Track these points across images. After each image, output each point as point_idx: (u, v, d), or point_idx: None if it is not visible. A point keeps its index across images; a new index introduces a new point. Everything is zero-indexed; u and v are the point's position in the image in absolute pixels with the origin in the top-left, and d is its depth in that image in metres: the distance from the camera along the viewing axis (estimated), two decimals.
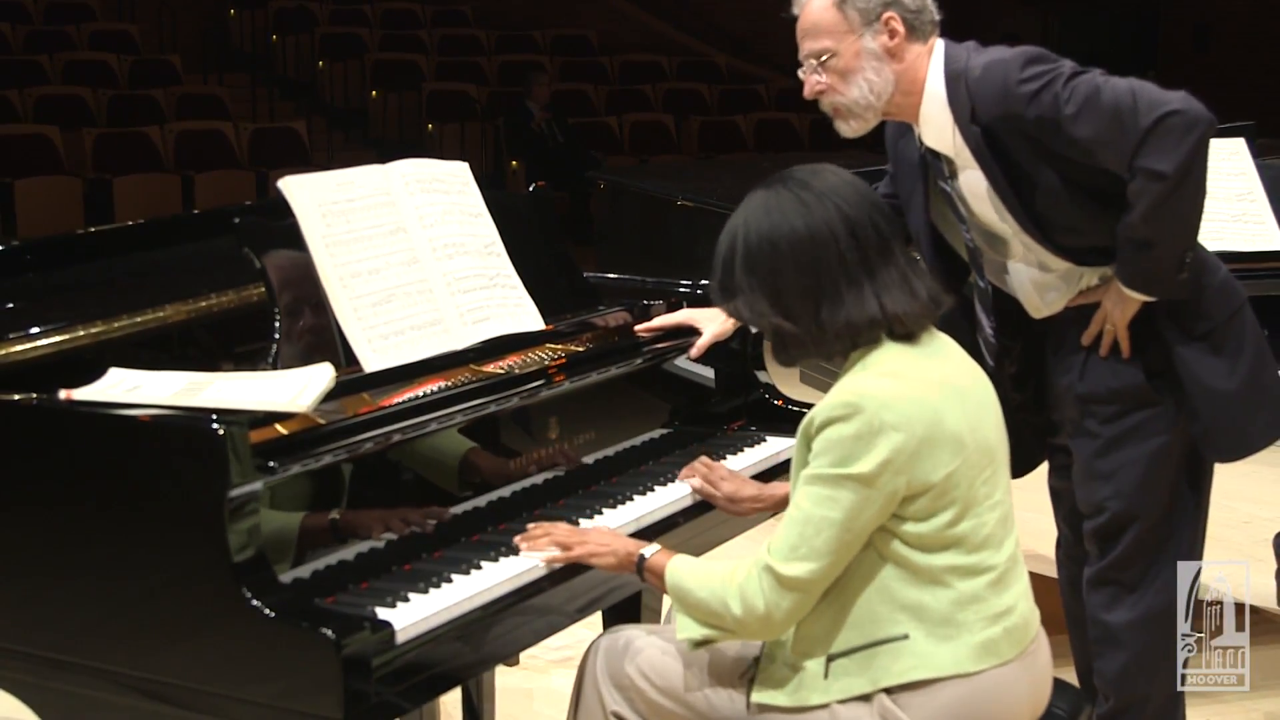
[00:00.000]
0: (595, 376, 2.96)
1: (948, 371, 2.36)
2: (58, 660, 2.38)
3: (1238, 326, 2.97)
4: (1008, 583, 2.36)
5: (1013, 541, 2.41)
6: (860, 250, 2.33)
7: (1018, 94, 2.81)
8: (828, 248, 2.33)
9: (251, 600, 2.18)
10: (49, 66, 12.01)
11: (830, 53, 2.91)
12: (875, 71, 2.90)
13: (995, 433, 2.40)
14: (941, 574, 2.30)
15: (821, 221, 2.34)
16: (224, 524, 2.19)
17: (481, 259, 2.95)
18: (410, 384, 2.68)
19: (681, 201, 5.86)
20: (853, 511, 2.25)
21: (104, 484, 2.33)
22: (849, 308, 2.32)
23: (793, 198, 2.36)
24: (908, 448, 2.24)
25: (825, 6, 2.91)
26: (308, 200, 2.73)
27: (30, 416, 2.42)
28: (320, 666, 2.13)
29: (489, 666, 2.91)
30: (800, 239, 2.33)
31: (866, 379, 2.30)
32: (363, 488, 2.49)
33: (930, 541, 2.29)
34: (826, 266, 2.33)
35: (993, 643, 2.31)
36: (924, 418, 2.26)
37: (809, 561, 2.26)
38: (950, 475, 2.28)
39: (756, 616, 2.30)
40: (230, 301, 3.04)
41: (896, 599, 2.30)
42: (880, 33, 2.89)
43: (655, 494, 2.91)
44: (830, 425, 2.27)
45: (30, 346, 2.71)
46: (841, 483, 2.25)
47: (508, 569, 2.50)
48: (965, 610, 2.30)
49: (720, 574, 2.36)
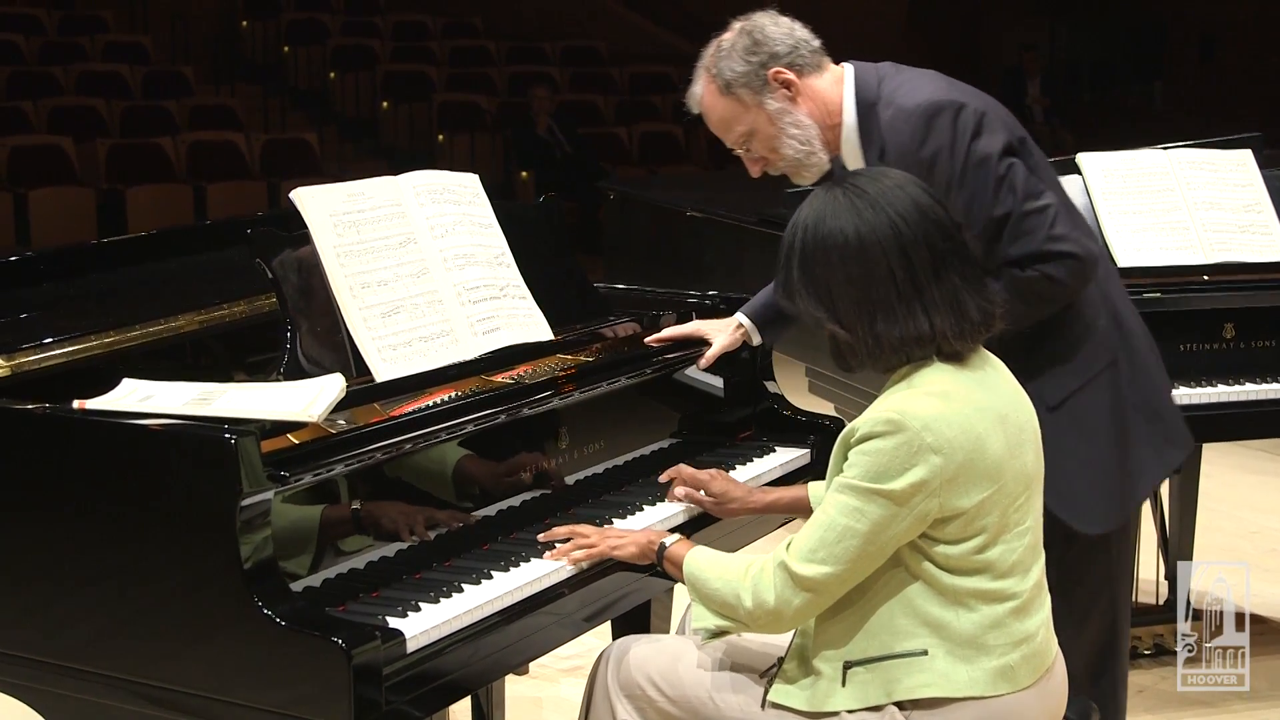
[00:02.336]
0: (605, 386, 2.96)
1: (993, 397, 2.33)
2: (69, 668, 2.38)
3: (1091, 394, 2.94)
4: (1031, 610, 2.35)
5: (1039, 568, 2.39)
6: (909, 267, 2.28)
7: (918, 157, 2.80)
8: (877, 262, 2.28)
9: (263, 608, 2.18)
10: (63, 78, 12.05)
11: (747, 134, 2.94)
12: (794, 124, 2.90)
13: (1034, 460, 2.38)
14: (967, 596, 2.28)
15: (871, 232, 2.29)
16: (235, 533, 2.19)
17: (491, 269, 2.96)
18: (420, 394, 2.68)
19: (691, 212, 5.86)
20: (878, 526, 2.23)
21: (116, 493, 2.34)
22: (902, 323, 2.28)
23: (848, 204, 2.32)
24: (945, 472, 2.22)
25: (716, 100, 2.94)
26: (319, 211, 2.73)
27: (44, 426, 2.42)
28: (331, 675, 2.13)
29: (499, 675, 2.91)
30: (850, 249, 2.29)
31: (913, 398, 2.27)
32: (372, 497, 2.49)
33: (960, 564, 2.28)
34: (876, 280, 2.28)
35: (1011, 669, 2.30)
36: (965, 444, 2.24)
37: (825, 565, 2.26)
38: (984, 502, 2.26)
39: (766, 610, 2.30)
40: (242, 312, 3.05)
41: (919, 614, 2.29)
42: (775, 90, 2.89)
43: (665, 503, 2.91)
44: (871, 439, 2.25)
45: (44, 356, 2.72)
46: (872, 497, 2.23)
47: (518, 578, 2.50)
48: (987, 634, 2.29)
49: (737, 566, 2.37)
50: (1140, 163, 4.08)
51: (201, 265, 3.35)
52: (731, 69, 2.89)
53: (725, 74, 2.90)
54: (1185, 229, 4.00)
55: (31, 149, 10.71)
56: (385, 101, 13.42)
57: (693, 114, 3.00)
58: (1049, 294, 2.82)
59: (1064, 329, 2.93)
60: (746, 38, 2.90)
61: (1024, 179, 2.80)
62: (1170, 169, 4.10)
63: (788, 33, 2.92)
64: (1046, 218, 2.79)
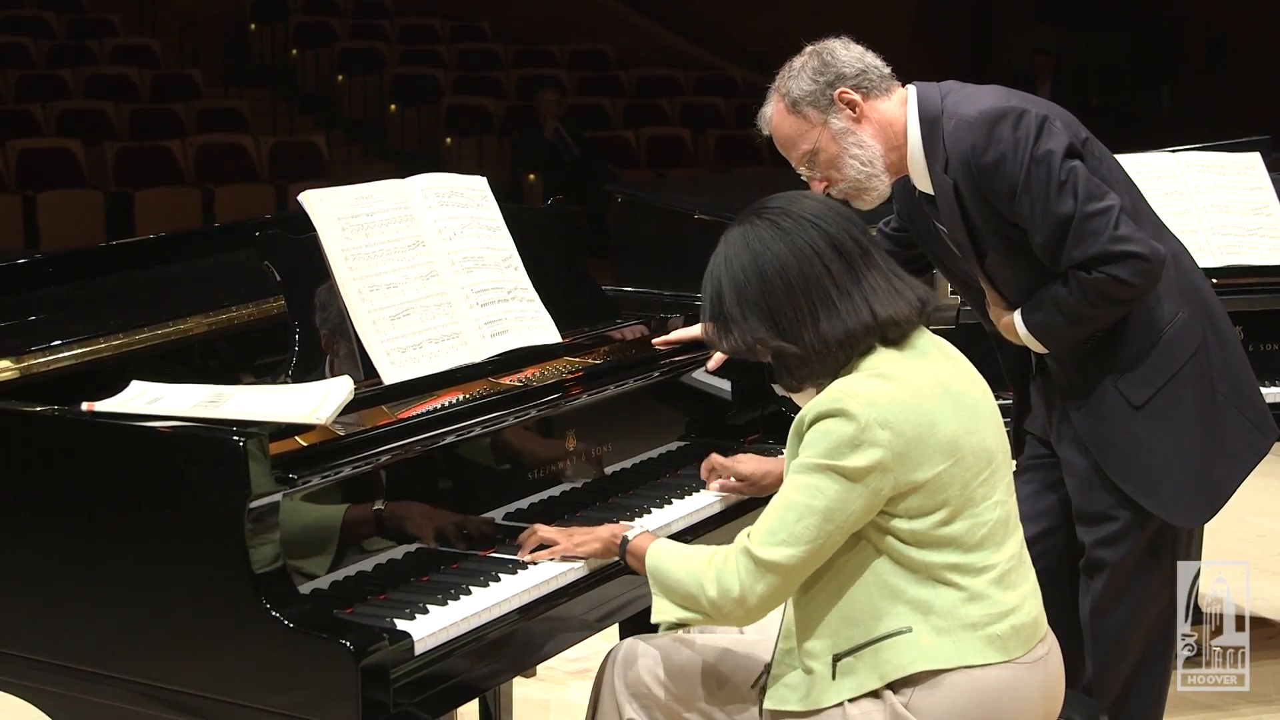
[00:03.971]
0: (612, 389, 2.96)
1: (943, 375, 2.37)
2: (78, 670, 2.38)
3: (1176, 388, 2.96)
4: (1012, 582, 2.36)
5: (1015, 542, 2.41)
6: (844, 260, 2.36)
7: (981, 164, 2.85)
8: (813, 264, 2.35)
9: (271, 611, 2.18)
10: (71, 81, 12.06)
11: (811, 153, 2.98)
12: (857, 145, 2.95)
13: (993, 434, 2.41)
14: (941, 571, 2.30)
15: (803, 242, 2.37)
16: (244, 535, 2.20)
17: (499, 272, 2.96)
18: (428, 396, 2.68)
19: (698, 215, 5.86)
20: (836, 502, 2.26)
21: (125, 495, 2.34)
22: (844, 317, 2.34)
23: (770, 226, 2.40)
24: (895, 446, 2.25)
25: (784, 119, 2.99)
26: (327, 214, 2.73)
27: (53, 428, 2.42)
28: (339, 677, 2.13)
29: (506, 678, 2.91)
30: (786, 263, 2.36)
31: (858, 380, 2.32)
32: (379, 500, 2.49)
33: (924, 539, 2.30)
34: (815, 281, 2.35)
35: (999, 638, 2.31)
36: (913, 419, 2.28)
37: (787, 547, 2.27)
38: (939, 476, 2.28)
39: (731, 599, 2.31)
40: (250, 314, 3.05)
41: (898, 595, 2.30)
42: (840, 110, 2.95)
43: (673, 506, 2.91)
44: (820, 420, 2.28)
45: (53, 358, 2.72)
46: (827, 472, 2.26)
47: (525, 581, 2.50)
48: (969, 606, 2.30)
49: (700, 557, 2.38)
50: (1148, 166, 4.07)
51: (209, 268, 3.35)
52: (799, 87, 2.96)
53: (793, 92, 2.96)
54: (1194, 232, 4.00)
55: (40, 152, 10.72)
56: (393, 105, 13.43)
57: (763, 135, 3.06)
58: (1117, 295, 2.83)
59: (1143, 327, 2.94)
60: (816, 59, 2.97)
61: (1085, 180, 2.81)
62: (1178, 172, 4.10)
63: (857, 57, 2.98)
64: (1109, 218, 2.80)
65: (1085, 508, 3.06)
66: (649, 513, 2.86)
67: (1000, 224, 2.90)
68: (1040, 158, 2.81)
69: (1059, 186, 2.80)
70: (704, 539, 2.88)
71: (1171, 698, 3.16)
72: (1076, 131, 2.91)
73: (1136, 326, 2.94)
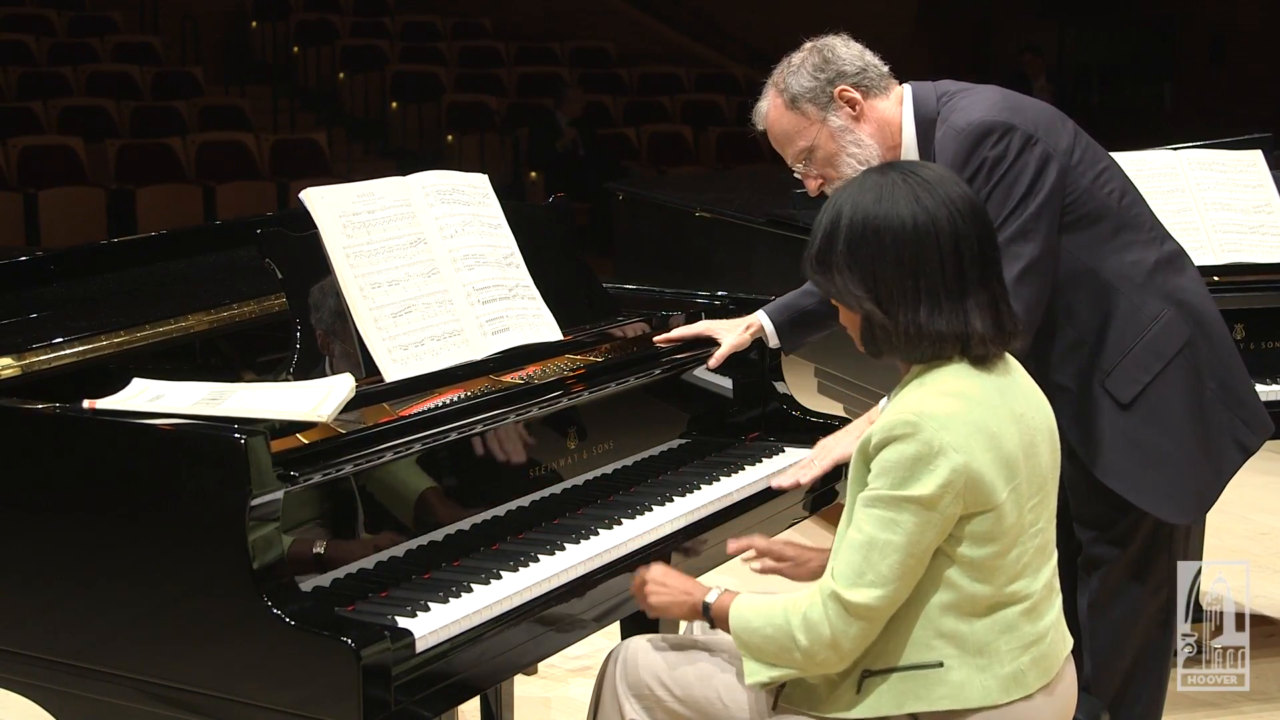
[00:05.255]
0: (613, 387, 2.96)
1: (1007, 397, 2.32)
2: (79, 667, 2.39)
3: (1163, 385, 2.96)
4: (1042, 611, 2.34)
5: (1050, 569, 2.38)
6: (959, 264, 2.27)
7: (962, 176, 2.81)
8: (930, 250, 2.26)
9: (272, 608, 2.18)
10: (73, 78, 12.07)
11: (808, 150, 2.97)
12: (855, 144, 2.95)
13: (1048, 461, 2.37)
14: (983, 604, 2.27)
15: (929, 222, 2.26)
16: (245, 532, 2.20)
17: (501, 270, 2.96)
18: (430, 394, 2.68)
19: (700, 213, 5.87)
20: (914, 535, 2.21)
21: (126, 493, 2.34)
22: (947, 316, 2.26)
23: (908, 190, 2.29)
24: (967, 470, 2.21)
25: (781, 114, 2.98)
26: (329, 211, 2.73)
27: (54, 426, 2.42)
28: (340, 674, 2.13)
29: (508, 675, 2.91)
30: (905, 234, 2.26)
31: (927, 397, 2.26)
32: (382, 497, 2.50)
33: (984, 568, 2.26)
34: (928, 269, 2.26)
35: (1021, 674, 2.29)
36: (983, 441, 2.23)
37: (876, 588, 2.22)
38: (1005, 501, 2.25)
39: (824, 644, 2.25)
40: (252, 312, 3.05)
41: (935, 625, 2.27)
42: (840, 108, 2.94)
43: (674, 504, 2.91)
44: (889, 445, 2.23)
45: (54, 356, 2.72)
46: (902, 505, 2.21)
47: (527, 578, 2.50)
48: (1000, 639, 2.28)
49: (782, 606, 2.31)
50: (1150, 163, 4.07)
51: (211, 265, 3.35)
52: (799, 84, 2.95)
53: (792, 88, 2.95)
54: (1195, 230, 4.00)
55: (41, 149, 10.72)
56: (394, 102, 13.43)
57: (757, 130, 3.05)
58: None
59: (1125, 327, 2.95)
60: (816, 55, 2.97)
61: (1030, 220, 2.83)
62: (1180, 170, 4.09)
63: (857, 55, 2.98)
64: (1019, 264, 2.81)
65: (1080, 510, 3.07)
66: (650, 510, 2.86)
67: None
68: (1007, 180, 2.83)
69: (1007, 216, 2.82)
70: (707, 534, 2.88)
71: (1171, 696, 3.16)
72: (1060, 142, 2.90)
73: (1119, 326, 2.94)
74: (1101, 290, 2.94)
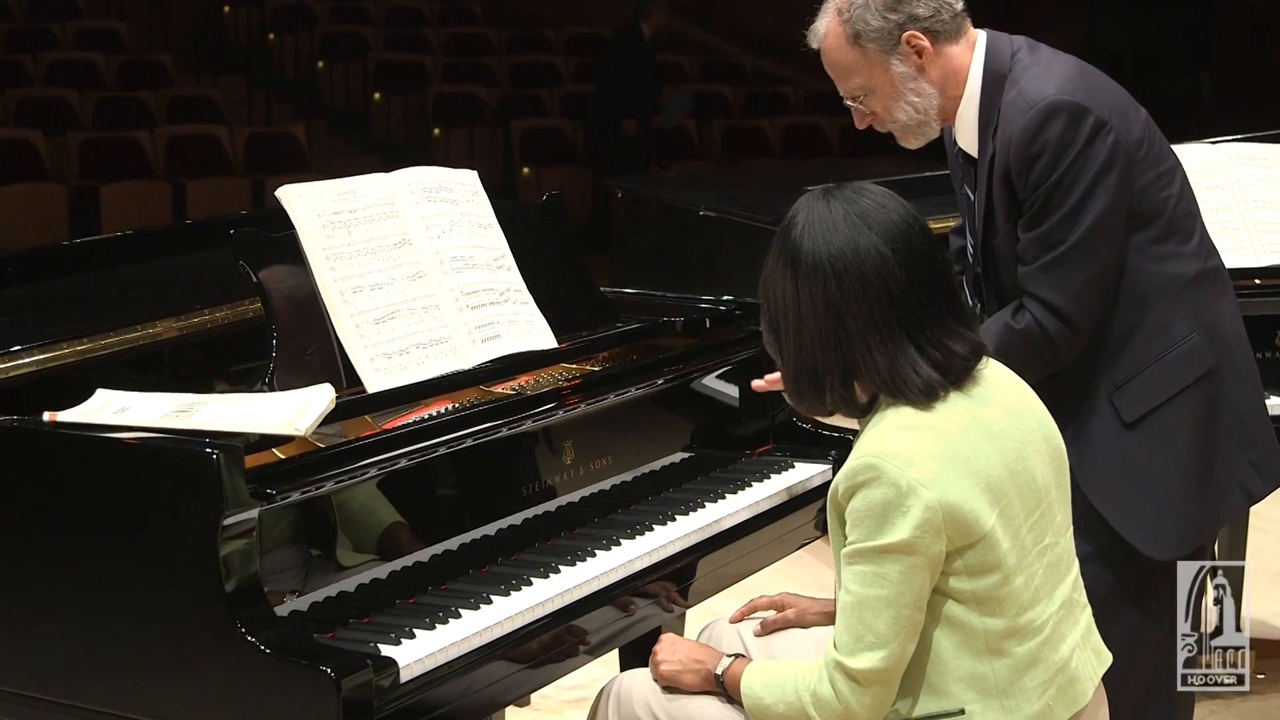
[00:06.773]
0: (612, 398, 2.96)
1: (979, 412, 2.31)
2: (41, 700, 2.39)
3: (1173, 411, 2.96)
4: (1063, 633, 2.34)
5: (1067, 584, 2.38)
6: (897, 307, 2.28)
7: (1022, 152, 2.86)
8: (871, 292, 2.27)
9: (246, 635, 2.18)
10: (31, 67, 12.06)
11: (864, 88, 2.97)
12: (915, 92, 2.95)
13: (1046, 468, 2.37)
14: (998, 640, 2.26)
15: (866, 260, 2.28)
16: (217, 554, 2.20)
17: (491, 272, 2.96)
18: (415, 406, 2.69)
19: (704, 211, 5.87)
20: (902, 584, 2.21)
21: (90, 512, 2.34)
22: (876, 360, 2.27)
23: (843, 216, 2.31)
24: (942, 504, 2.21)
25: (840, 45, 2.95)
26: (307, 210, 2.74)
27: (12, 439, 2.43)
28: (319, 706, 2.14)
29: (499, 707, 2.91)
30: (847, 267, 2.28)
31: (883, 435, 2.26)
32: (364, 516, 2.50)
33: (986, 600, 2.26)
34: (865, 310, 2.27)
35: (1049, 710, 2.29)
36: (955, 470, 2.23)
37: (877, 649, 2.23)
38: (993, 526, 2.24)
39: (837, 715, 2.26)
40: (225, 317, 3.06)
41: (951, 670, 2.27)
42: (907, 56, 2.93)
43: (677, 523, 2.91)
44: (855, 494, 2.24)
45: (12, 365, 2.72)
46: (882, 556, 2.21)
47: (519, 603, 2.51)
48: (1023, 677, 2.28)
49: (793, 679, 2.32)
50: (1186, 158, 4.05)
51: (181, 268, 3.36)
52: (866, 21, 2.91)
53: (858, 24, 2.92)
54: (1235, 229, 4.00)
55: None
56: (377, 93, 13.45)
57: (811, 48, 3.02)
58: (1032, 343, 2.88)
59: (1150, 341, 2.95)
60: None
61: (1095, 223, 2.84)
62: (1219, 165, 4.10)
63: None
64: (1086, 273, 2.84)
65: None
66: (651, 530, 2.86)
67: (1017, 214, 2.92)
68: (1075, 171, 2.83)
69: (1070, 211, 2.83)
70: (713, 555, 2.88)
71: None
72: (1131, 132, 2.91)
73: (1142, 340, 2.94)
74: (1132, 298, 2.94)
